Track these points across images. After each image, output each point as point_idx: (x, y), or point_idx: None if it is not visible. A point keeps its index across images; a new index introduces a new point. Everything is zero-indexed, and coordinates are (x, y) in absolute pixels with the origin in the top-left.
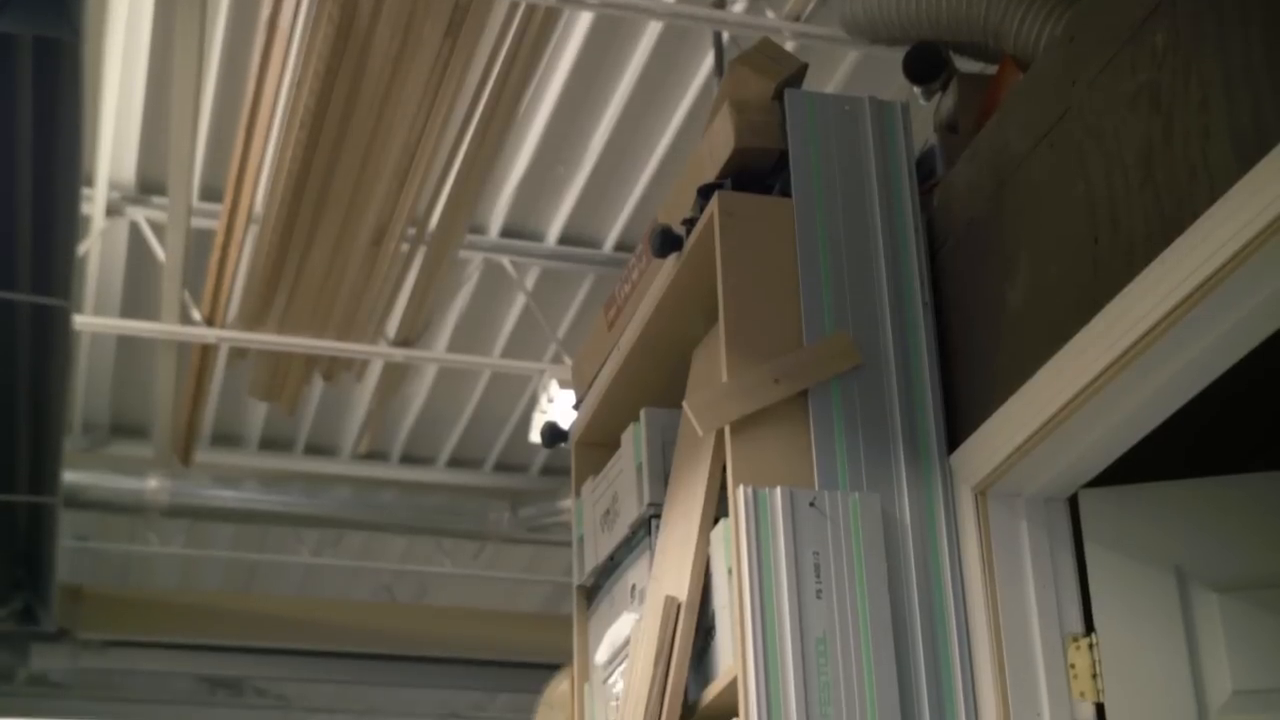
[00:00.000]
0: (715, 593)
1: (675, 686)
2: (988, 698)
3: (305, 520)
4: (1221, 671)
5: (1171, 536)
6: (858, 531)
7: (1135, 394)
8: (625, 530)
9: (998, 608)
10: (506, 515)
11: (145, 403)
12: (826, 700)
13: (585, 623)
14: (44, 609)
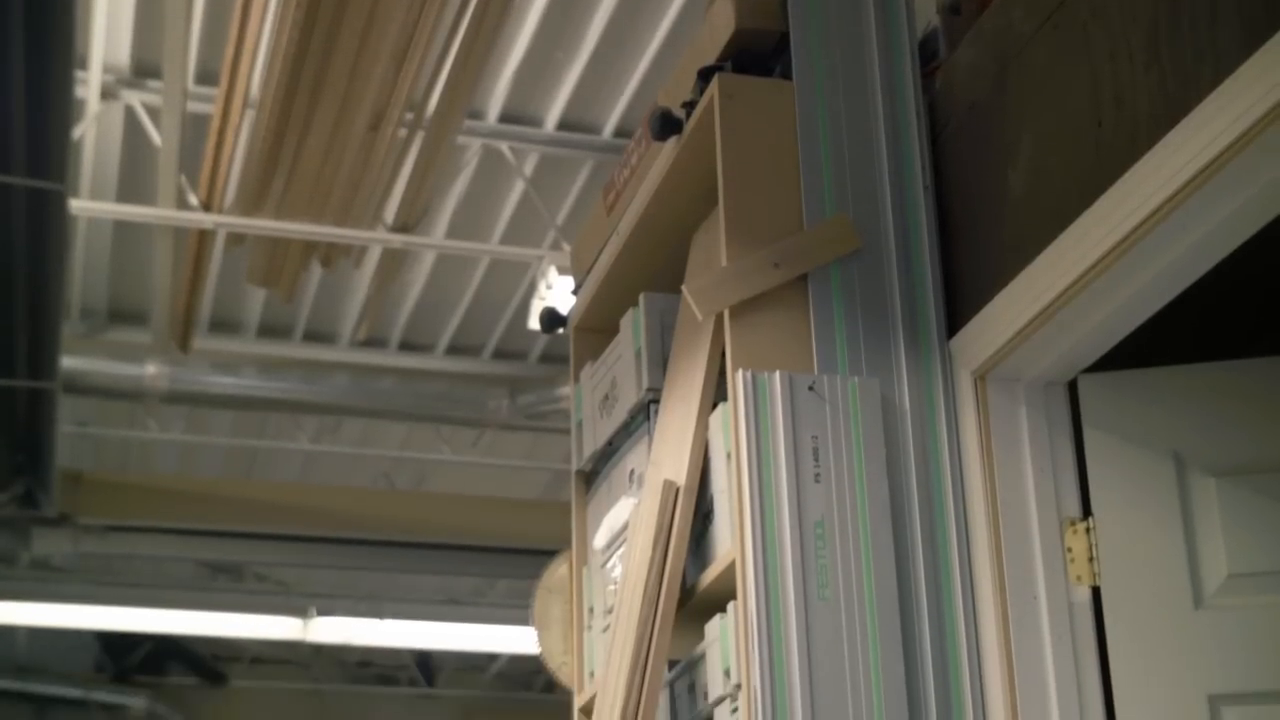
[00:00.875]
0: (714, 477)
1: (673, 570)
2: (985, 582)
3: (304, 407)
4: (1217, 555)
5: (1170, 421)
6: (856, 416)
7: (1136, 278)
8: (624, 415)
9: (996, 492)
10: (505, 402)
11: (143, 289)
12: (824, 583)
13: (584, 508)
14: (44, 494)
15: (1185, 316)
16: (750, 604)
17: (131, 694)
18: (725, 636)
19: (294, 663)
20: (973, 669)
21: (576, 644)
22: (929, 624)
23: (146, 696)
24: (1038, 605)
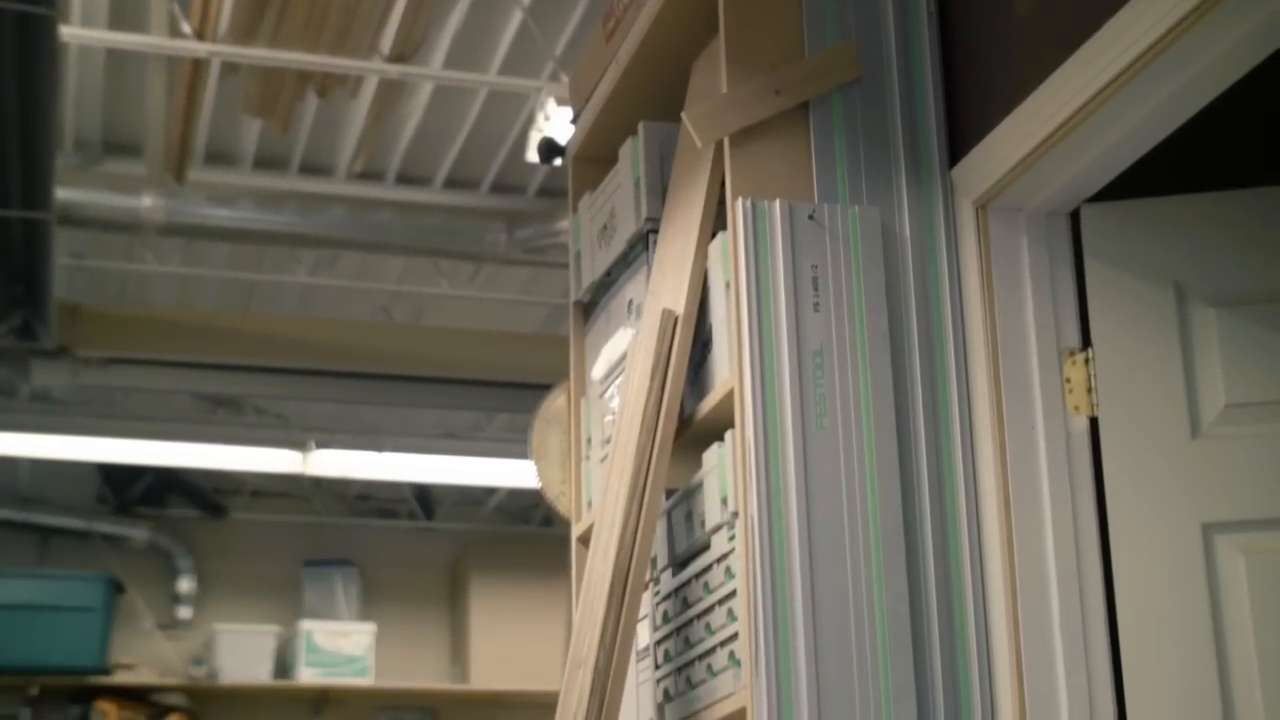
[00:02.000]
0: (713, 306)
1: (671, 399)
2: (983, 412)
3: (301, 240)
4: (1215, 385)
5: (1172, 251)
6: (856, 245)
7: (1142, 106)
8: (623, 245)
9: (995, 322)
10: (504, 236)
11: (137, 120)
12: (823, 412)
13: (582, 339)
14: (42, 326)
15: (1190, 146)
16: (748, 433)
17: (133, 526)
18: (723, 465)
19: (293, 496)
20: (969, 498)
21: (574, 474)
22: (926, 453)
23: (148, 528)
24: (1035, 435)
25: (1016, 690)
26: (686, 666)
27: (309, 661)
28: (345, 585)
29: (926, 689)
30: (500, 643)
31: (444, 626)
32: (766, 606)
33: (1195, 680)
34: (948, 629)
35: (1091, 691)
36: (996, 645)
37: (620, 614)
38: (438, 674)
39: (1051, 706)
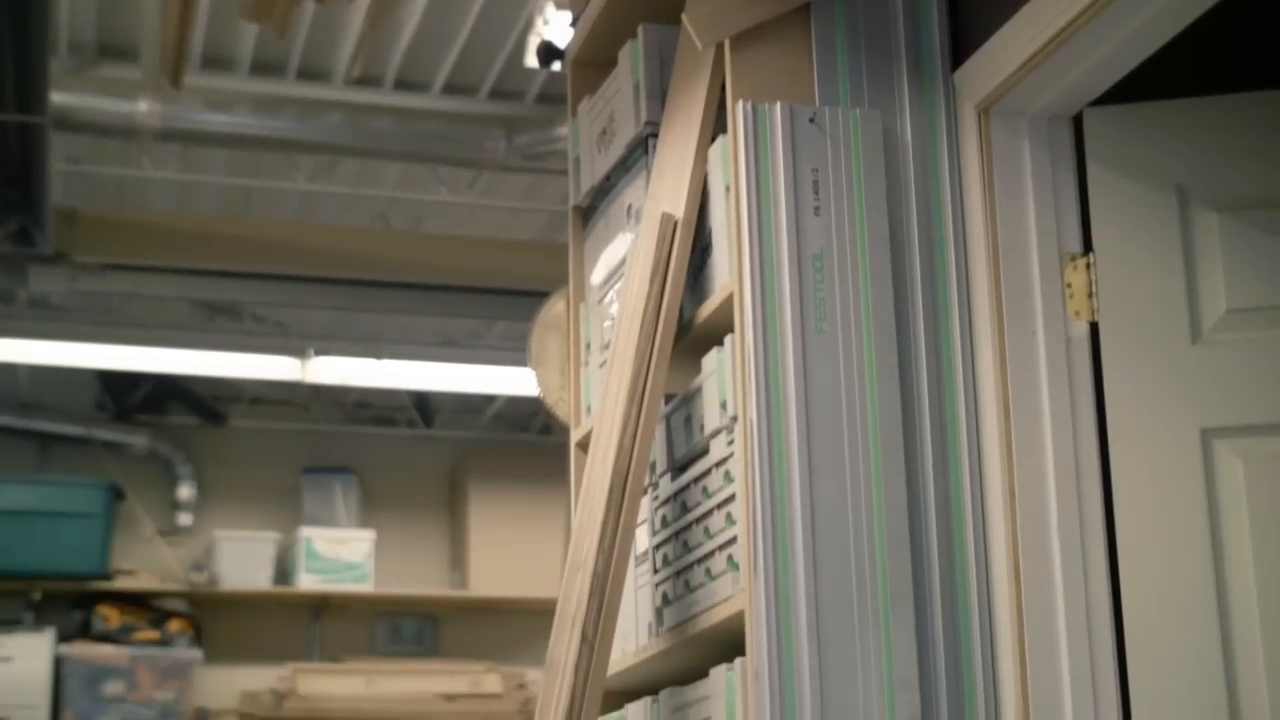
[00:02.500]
0: (712, 210)
1: (671, 304)
2: (983, 316)
3: (298, 146)
4: (1217, 290)
5: (1175, 155)
6: (857, 148)
7: (1146, 8)
8: (622, 150)
9: (996, 227)
10: (502, 143)
11: (133, 22)
12: (822, 316)
13: (581, 244)
14: (39, 231)
15: (1195, 49)
16: (748, 337)
17: (132, 433)
18: (722, 369)
19: (293, 403)
20: (969, 403)
21: (573, 380)
22: (926, 358)
23: (147, 435)
24: (1035, 340)
25: (1014, 594)
26: (685, 570)
27: (309, 568)
28: (344, 492)
29: (924, 592)
30: (499, 550)
31: (443, 534)
32: (765, 510)
33: (1191, 584)
34: (946, 533)
35: (1088, 595)
36: (994, 550)
37: (619, 518)
38: (437, 581)
39: (1048, 609)
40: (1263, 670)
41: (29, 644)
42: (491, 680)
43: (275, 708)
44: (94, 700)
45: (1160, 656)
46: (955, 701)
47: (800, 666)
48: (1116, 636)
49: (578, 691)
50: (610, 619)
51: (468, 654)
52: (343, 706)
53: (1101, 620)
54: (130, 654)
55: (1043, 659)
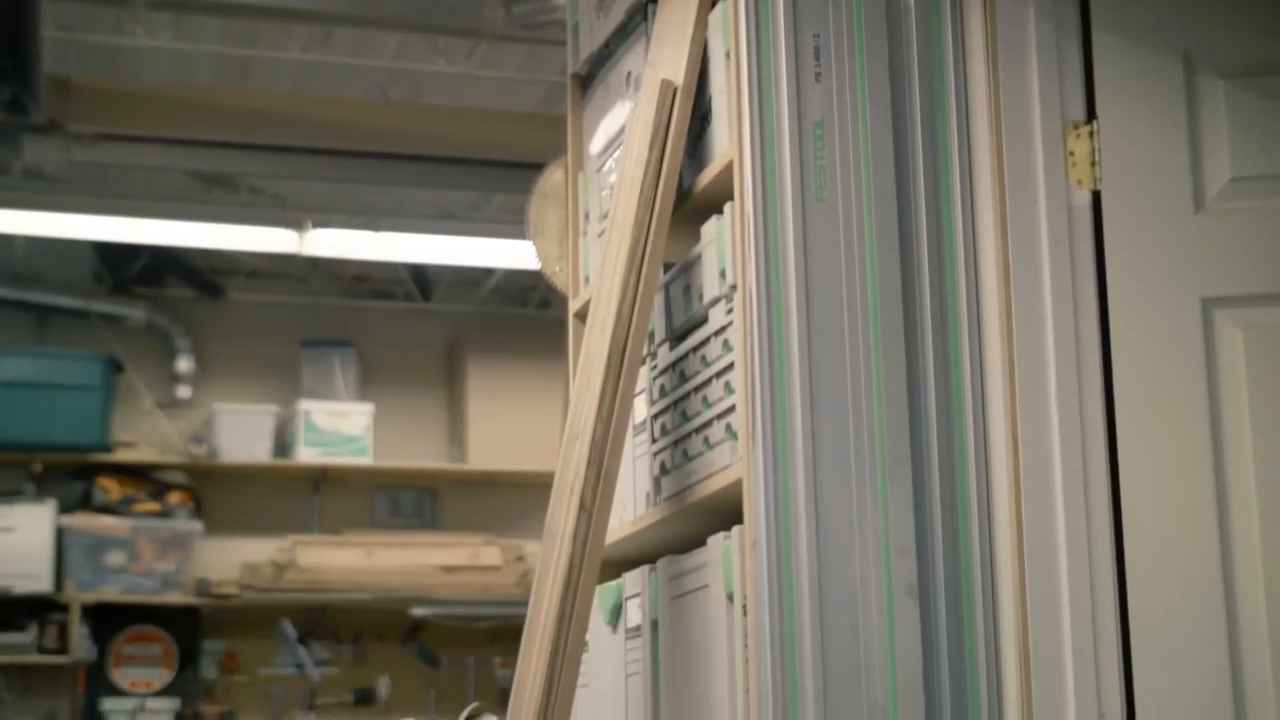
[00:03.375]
0: (712, 77)
1: (670, 172)
2: (984, 184)
3: (294, 15)
4: (1221, 158)
5: (1181, 22)
6: (859, 14)
7: None
8: (621, 16)
9: (999, 94)
10: (501, 12)
11: None
12: (823, 184)
13: (580, 112)
14: (32, 99)
15: None
16: (747, 205)
17: (130, 305)
18: (721, 238)
19: (290, 276)
20: (969, 271)
21: (572, 249)
22: (927, 226)
23: (145, 308)
24: (1037, 209)
25: (1011, 463)
26: (683, 440)
27: (308, 441)
28: (343, 366)
29: (922, 461)
30: (498, 423)
31: (442, 407)
32: (764, 379)
33: (1189, 454)
34: (944, 402)
35: (1086, 464)
36: (992, 419)
37: (617, 387)
38: (436, 454)
39: (1045, 477)
40: (1257, 539)
41: (30, 515)
42: (490, 552)
43: (275, 579)
44: (96, 570)
45: (1156, 523)
46: (952, 568)
47: (798, 534)
48: (1113, 505)
49: (576, 559)
50: (608, 487)
51: (466, 526)
52: (342, 578)
53: (1098, 488)
54: (131, 525)
55: (1039, 526)
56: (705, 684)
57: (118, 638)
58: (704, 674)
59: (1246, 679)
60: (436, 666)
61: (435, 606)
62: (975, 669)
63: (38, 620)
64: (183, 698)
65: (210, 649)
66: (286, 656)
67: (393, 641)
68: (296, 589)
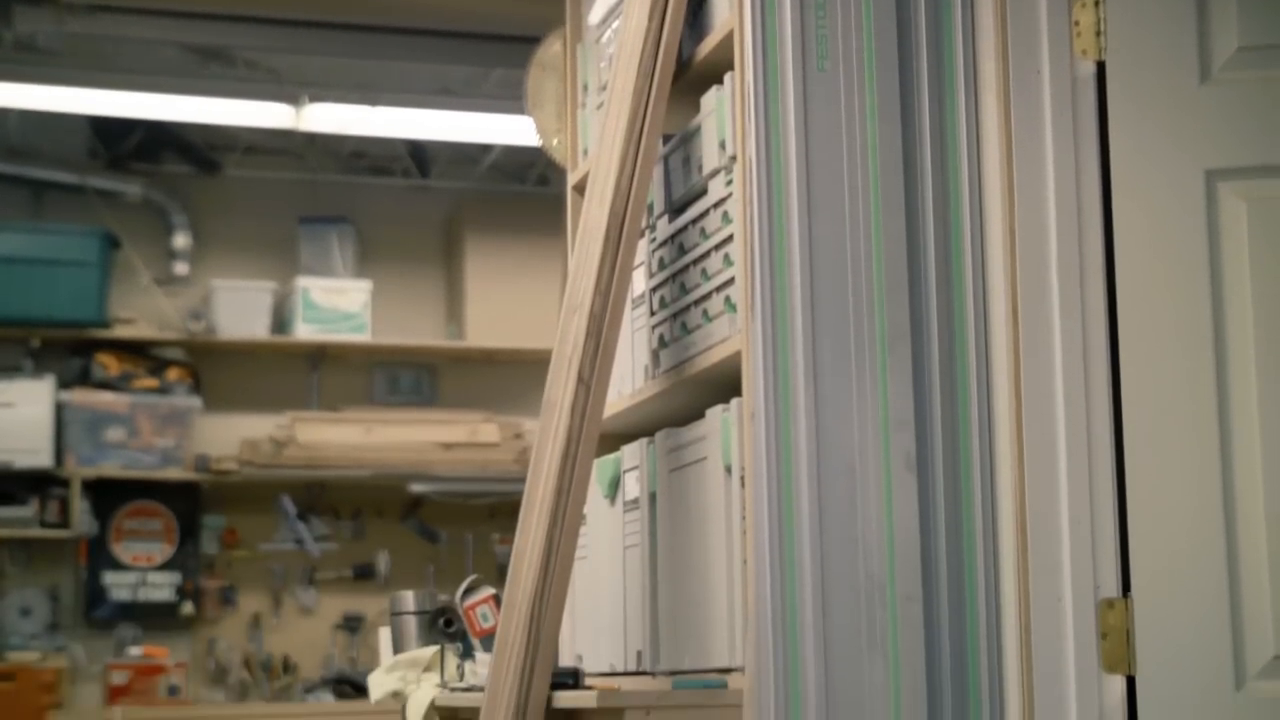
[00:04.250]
0: None
1: (669, 41)
2: (988, 53)
3: None
4: (1228, 27)
5: None
6: None
7: None
8: None
9: None
10: None
11: None
12: (824, 54)
13: None
14: None
15: None
16: (747, 75)
17: (126, 181)
18: (721, 109)
19: (288, 152)
20: (970, 141)
21: (570, 122)
22: (929, 96)
23: (141, 184)
24: (1040, 79)
25: (1012, 335)
26: (682, 312)
27: (306, 318)
28: (341, 242)
29: (922, 334)
30: (496, 300)
31: (440, 285)
32: (763, 251)
33: (1190, 325)
34: (944, 273)
35: (1086, 336)
36: (993, 291)
37: (616, 260)
38: (434, 331)
39: (1046, 351)
40: (1255, 411)
41: (29, 390)
42: (489, 430)
43: (275, 456)
44: (95, 446)
45: (1155, 394)
46: (950, 440)
47: (796, 407)
48: (1112, 376)
49: (574, 431)
50: (607, 360)
51: (465, 404)
52: (341, 455)
53: (1097, 361)
54: (130, 401)
55: (1037, 399)
56: (703, 556)
57: (118, 513)
58: (702, 546)
59: (1241, 547)
60: (435, 543)
61: (434, 483)
62: (973, 540)
63: (39, 495)
64: (183, 572)
65: (210, 524)
66: (286, 532)
67: (392, 518)
68: (296, 465)
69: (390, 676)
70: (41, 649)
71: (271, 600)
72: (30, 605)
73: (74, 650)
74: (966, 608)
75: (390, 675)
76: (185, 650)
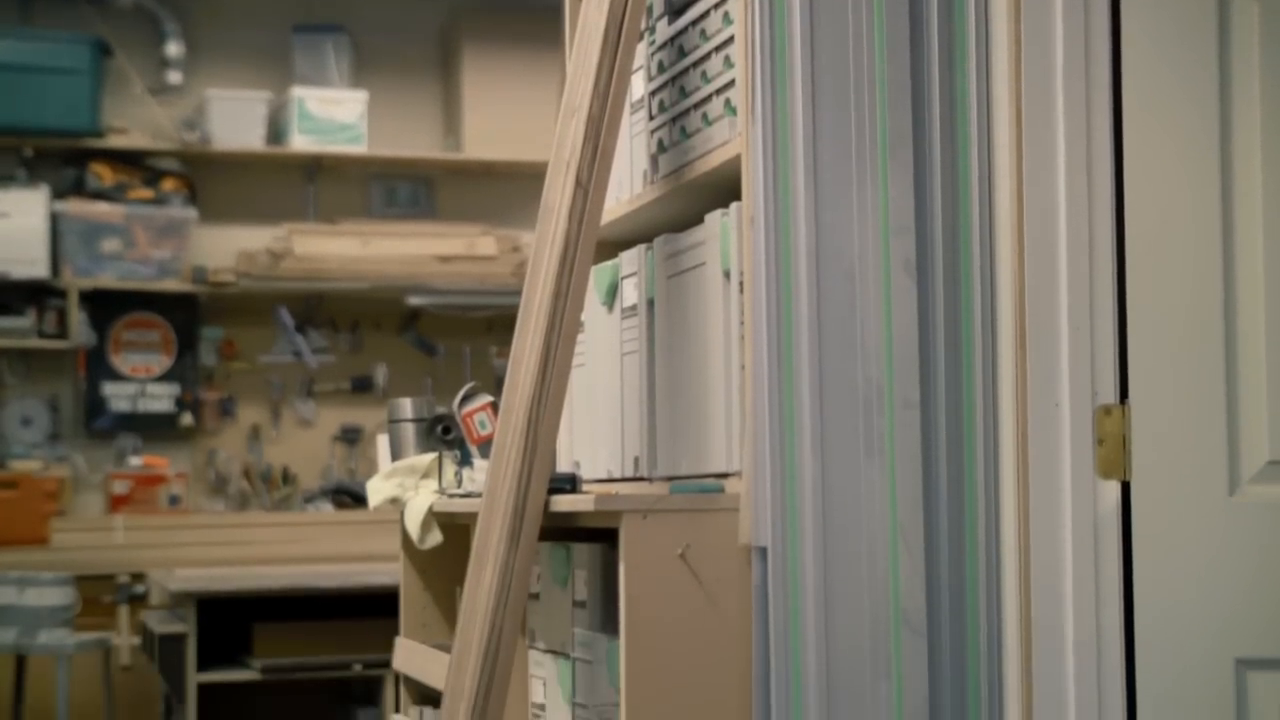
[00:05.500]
0: None
1: None
2: None
3: None
4: None
5: None
6: None
7: None
8: None
9: None
10: None
11: None
12: None
13: None
14: None
15: None
16: None
17: None
18: None
19: None
20: None
21: None
22: None
23: None
24: None
25: (1014, 138)
26: (681, 116)
27: (301, 129)
28: (336, 52)
29: (924, 137)
30: (494, 112)
31: (437, 96)
32: (764, 53)
33: (1197, 123)
34: (947, 77)
35: (1090, 139)
36: (996, 95)
37: (614, 62)
38: (431, 143)
39: (1049, 154)
40: (1259, 212)
41: (23, 200)
42: (486, 243)
43: (272, 267)
44: (91, 257)
45: (1158, 197)
46: (950, 246)
47: (796, 211)
48: (1116, 180)
49: (572, 236)
50: (605, 164)
51: (462, 216)
52: (338, 267)
53: (1101, 163)
54: (125, 211)
55: (1040, 204)
56: (701, 361)
57: (116, 324)
58: (700, 352)
59: (1240, 353)
60: (433, 356)
61: (431, 296)
62: (971, 346)
63: (36, 305)
64: (182, 384)
65: (209, 336)
66: (284, 344)
67: (390, 331)
68: (293, 277)
69: (388, 483)
70: (43, 459)
71: (270, 412)
72: (31, 415)
73: (75, 460)
74: (964, 413)
75: (388, 482)
76: (185, 461)
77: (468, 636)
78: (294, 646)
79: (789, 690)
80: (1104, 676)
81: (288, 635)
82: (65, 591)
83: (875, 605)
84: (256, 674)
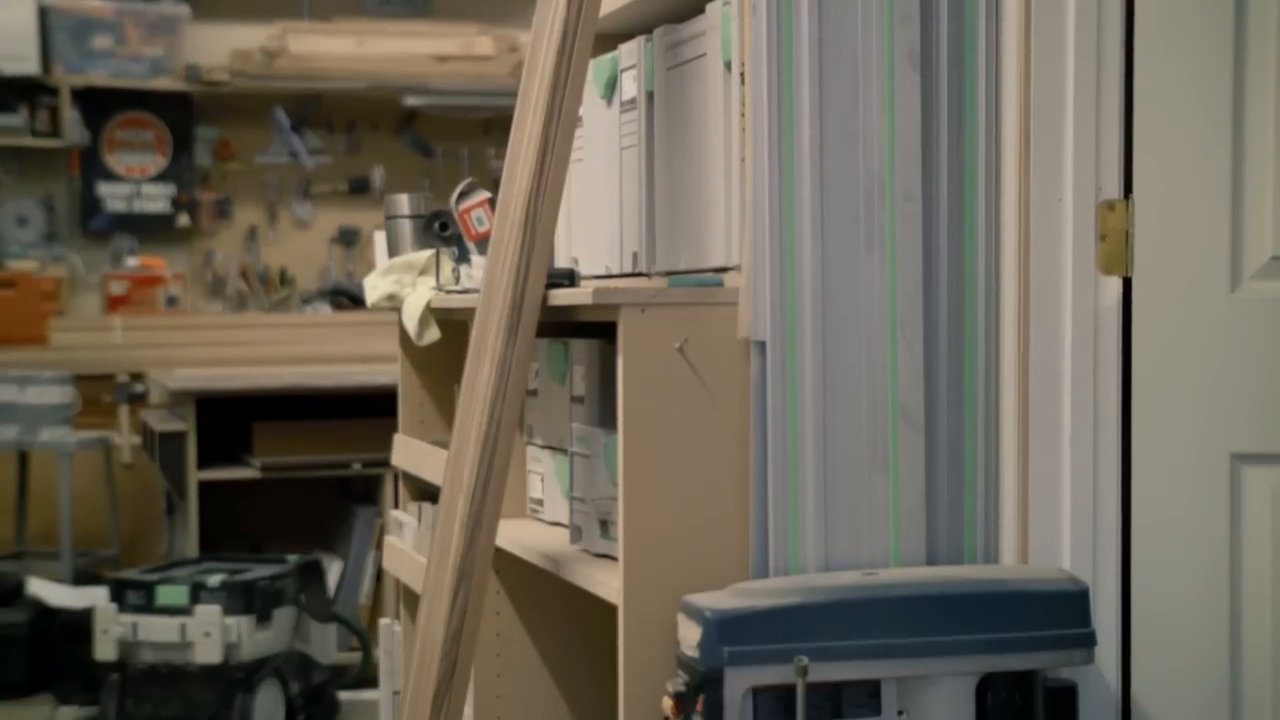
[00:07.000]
0: None
1: None
2: None
3: None
4: None
5: None
6: None
7: None
8: None
9: None
10: None
11: None
12: None
13: None
14: None
15: None
16: None
17: None
18: None
19: None
20: None
21: None
22: None
23: None
24: None
25: None
26: None
27: None
28: None
29: None
30: None
31: None
32: None
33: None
34: None
35: None
36: None
37: None
38: None
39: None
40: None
41: None
42: (483, 43)
43: (266, 66)
44: (82, 53)
45: (1167, 102)
46: (955, 36)
47: None
48: None
49: (570, 25)
50: None
51: (459, 15)
52: (334, 67)
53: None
54: (116, 7)
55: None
56: (701, 155)
57: (110, 123)
58: (700, 145)
59: (1248, 144)
60: (430, 157)
61: (428, 96)
62: (974, 139)
63: (28, 103)
64: (178, 184)
65: (204, 136)
66: (280, 145)
67: (387, 132)
68: (288, 77)
69: (386, 280)
70: (40, 259)
71: (267, 213)
72: (26, 215)
73: (72, 260)
74: (965, 207)
75: (386, 279)
76: (182, 262)
77: (466, 431)
78: (294, 445)
79: (786, 484)
80: (1100, 471)
81: (287, 434)
82: (65, 390)
83: (873, 399)
84: (257, 472)
